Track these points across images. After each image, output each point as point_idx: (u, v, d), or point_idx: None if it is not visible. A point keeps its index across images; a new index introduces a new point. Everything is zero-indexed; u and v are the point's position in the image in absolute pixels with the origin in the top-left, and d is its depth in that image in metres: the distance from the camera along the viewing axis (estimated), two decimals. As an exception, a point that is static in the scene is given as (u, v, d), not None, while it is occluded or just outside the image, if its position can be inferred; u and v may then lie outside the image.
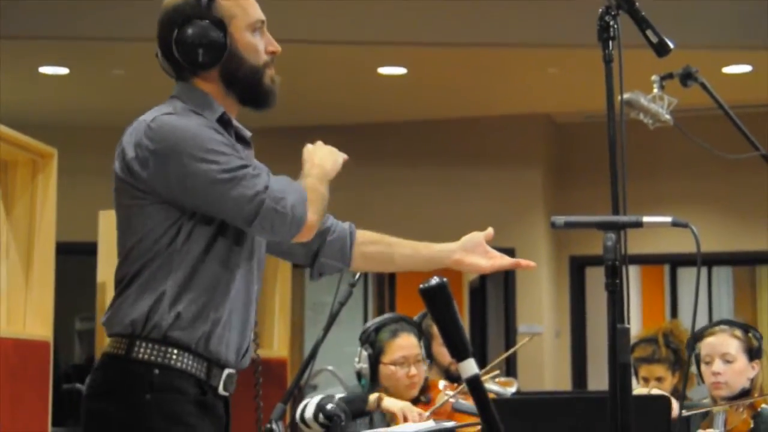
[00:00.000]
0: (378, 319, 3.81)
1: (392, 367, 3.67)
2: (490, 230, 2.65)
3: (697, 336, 3.63)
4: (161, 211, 2.29)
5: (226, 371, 2.34)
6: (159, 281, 2.28)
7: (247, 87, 2.42)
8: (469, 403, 3.79)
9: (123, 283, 2.31)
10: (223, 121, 2.39)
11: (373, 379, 3.70)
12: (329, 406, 3.35)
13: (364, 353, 3.70)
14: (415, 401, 3.72)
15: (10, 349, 3.63)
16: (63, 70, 7.17)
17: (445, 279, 1.49)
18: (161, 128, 2.28)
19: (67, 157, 4.07)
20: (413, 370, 3.68)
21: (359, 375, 3.76)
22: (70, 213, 2.43)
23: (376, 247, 2.64)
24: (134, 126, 2.34)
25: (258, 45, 2.43)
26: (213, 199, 2.27)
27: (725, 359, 3.54)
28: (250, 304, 2.40)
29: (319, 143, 2.55)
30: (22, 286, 3.86)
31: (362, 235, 2.66)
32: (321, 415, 3.48)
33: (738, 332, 3.58)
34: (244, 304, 2.37)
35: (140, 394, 2.25)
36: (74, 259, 4.48)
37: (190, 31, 2.35)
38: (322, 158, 2.49)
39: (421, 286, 1.48)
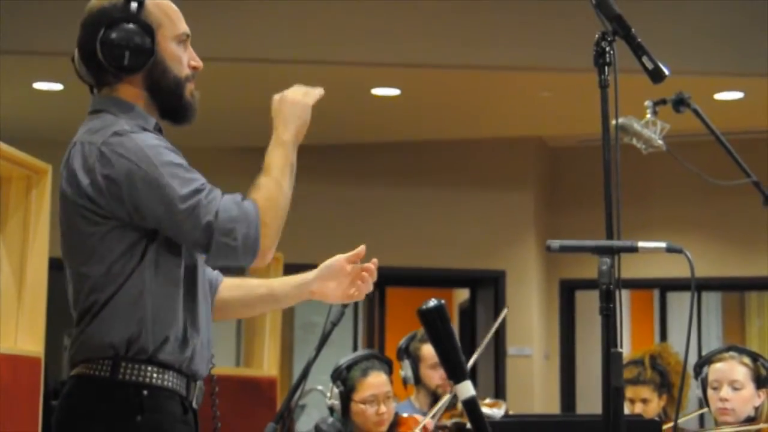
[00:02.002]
0: (350, 356, 3.90)
1: (362, 405, 3.77)
2: (360, 248, 2.56)
3: (705, 361, 3.64)
4: (125, 235, 2.25)
5: (198, 383, 2.35)
6: (134, 305, 2.24)
7: (169, 98, 2.37)
8: None
9: (93, 309, 2.27)
10: (156, 131, 2.36)
11: (344, 415, 3.80)
12: (324, 426, 3.41)
13: (336, 390, 3.79)
14: None
15: (1, 365, 3.62)
16: (57, 86, 7.18)
17: (442, 300, 1.50)
18: (114, 150, 2.24)
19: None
20: (382, 408, 3.79)
21: (331, 410, 3.84)
22: (63, 229, 2.46)
23: (236, 292, 2.56)
24: (80, 149, 2.28)
25: (181, 57, 2.39)
26: (165, 227, 2.23)
27: (733, 386, 3.55)
28: (210, 317, 2.41)
29: (293, 89, 2.48)
30: (14, 302, 3.85)
31: (224, 283, 2.58)
32: None
33: (747, 360, 3.59)
34: (207, 318, 2.38)
35: (130, 416, 2.22)
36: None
37: (117, 33, 2.31)
38: (292, 113, 2.41)
39: (420, 308, 1.50)
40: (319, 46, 6.54)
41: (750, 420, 3.54)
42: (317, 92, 2.55)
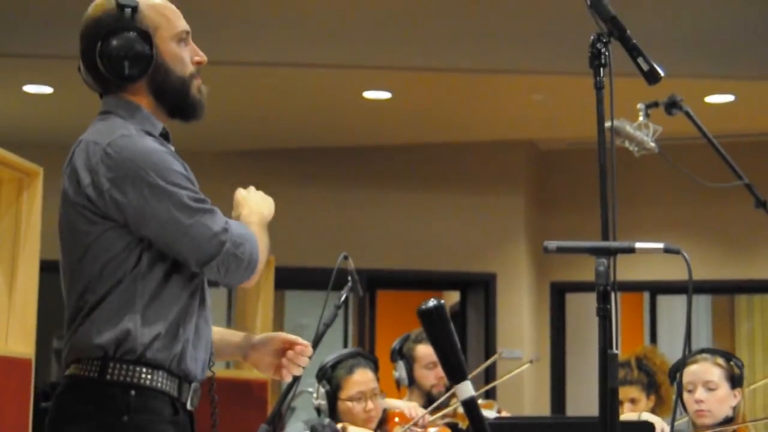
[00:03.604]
0: (335, 355, 3.86)
1: (349, 403, 3.74)
2: (304, 343, 2.56)
3: (679, 365, 3.64)
4: (122, 235, 2.25)
5: (193, 385, 2.34)
6: (127, 305, 2.24)
7: (176, 99, 2.37)
8: None
9: (85, 309, 2.27)
10: (163, 136, 2.37)
11: (331, 415, 3.76)
12: (320, 428, 3.39)
13: (322, 390, 3.76)
14: None
15: (-8, 367, 3.61)
16: (47, 89, 7.16)
17: (442, 301, 1.50)
18: (120, 153, 2.24)
19: (52, 175, 4.06)
20: (370, 405, 3.75)
21: (318, 411, 3.81)
22: (55, 231, 2.45)
23: None
24: (84, 147, 2.28)
25: (183, 56, 2.38)
26: (170, 233, 2.23)
27: (708, 387, 3.55)
28: (210, 317, 2.40)
29: (251, 188, 2.50)
30: (5, 303, 3.83)
31: None
32: None
33: (720, 360, 3.60)
34: (206, 318, 2.37)
35: (117, 416, 2.23)
36: (57, 277, 4.48)
37: (114, 43, 2.30)
38: (258, 204, 2.44)
39: (420, 307, 1.49)
40: (310, 49, 6.54)
41: (728, 420, 3.54)
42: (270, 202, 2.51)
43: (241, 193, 2.46)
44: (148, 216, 2.23)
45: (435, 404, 4.09)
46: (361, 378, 3.76)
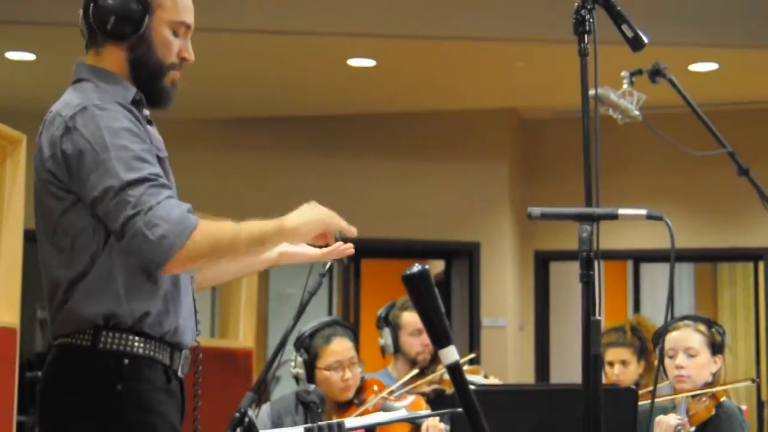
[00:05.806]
0: (312, 324, 3.87)
1: (327, 372, 3.75)
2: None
3: (662, 331, 3.68)
4: (88, 210, 2.24)
5: (183, 353, 2.36)
6: (106, 283, 2.24)
7: (147, 79, 2.36)
8: (396, 404, 3.87)
9: (68, 283, 2.26)
10: (136, 102, 2.35)
11: (309, 383, 3.76)
12: (303, 394, 3.39)
13: (300, 359, 3.76)
14: (349, 403, 3.80)
15: (-24, 336, 3.61)
16: (29, 56, 7.11)
17: (427, 266, 1.50)
18: (77, 128, 2.23)
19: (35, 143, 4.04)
20: (348, 374, 3.76)
21: (296, 379, 3.83)
22: (38, 199, 2.46)
23: None
24: (51, 119, 2.28)
25: (172, 44, 2.38)
26: (99, 207, 2.21)
27: (688, 353, 3.60)
28: (191, 284, 2.41)
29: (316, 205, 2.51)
30: (-12, 273, 3.83)
31: None
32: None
33: (701, 327, 3.64)
34: (188, 287, 2.39)
35: (111, 384, 2.24)
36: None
37: None
38: (313, 215, 2.47)
39: (404, 272, 1.50)
40: (295, 16, 6.50)
41: (707, 386, 3.58)
42: (344, 224, 2.60)
43: (306, 205, 2.50)
44: (85, 190, 2.22)
45: (417, 370, 4.10)
46: (338, 347, 3.77)
